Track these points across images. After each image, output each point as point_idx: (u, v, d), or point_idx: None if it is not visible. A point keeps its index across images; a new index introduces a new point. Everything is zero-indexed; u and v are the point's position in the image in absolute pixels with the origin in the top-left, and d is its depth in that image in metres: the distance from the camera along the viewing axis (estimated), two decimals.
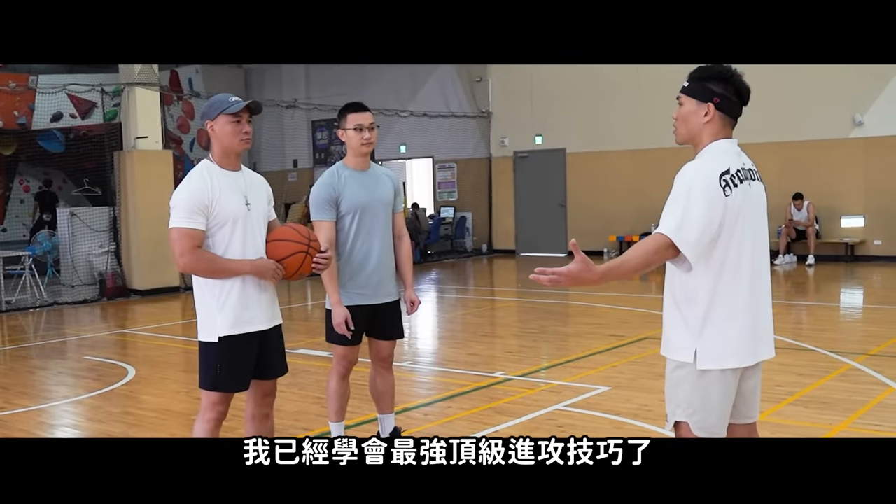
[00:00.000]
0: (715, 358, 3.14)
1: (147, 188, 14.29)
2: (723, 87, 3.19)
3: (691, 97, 3.24)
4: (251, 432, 4.63)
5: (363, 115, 5.07)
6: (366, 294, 5.10)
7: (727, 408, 3.23)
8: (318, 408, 6.65)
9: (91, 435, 6.32)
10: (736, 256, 3.11)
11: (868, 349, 8.17)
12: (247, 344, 4.27)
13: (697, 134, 3.24)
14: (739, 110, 3.25)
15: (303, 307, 12.84)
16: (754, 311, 3.19)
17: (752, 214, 3.17)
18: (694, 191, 3.06)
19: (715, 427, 3.22)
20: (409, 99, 21.58)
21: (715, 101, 3.18)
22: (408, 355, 8.82)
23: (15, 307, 13.21)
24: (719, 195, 3.05)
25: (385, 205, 5.18)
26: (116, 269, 14.62)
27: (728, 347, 3.14)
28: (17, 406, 7.22)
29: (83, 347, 10.09)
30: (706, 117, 3.20)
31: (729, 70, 3.22)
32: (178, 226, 4.10)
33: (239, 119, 4.22)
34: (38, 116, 24.77)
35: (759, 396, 3.38)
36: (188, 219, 4.10)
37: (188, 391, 7.30)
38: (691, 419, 3.24)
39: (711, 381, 3.16)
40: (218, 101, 4.28)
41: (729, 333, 3.14)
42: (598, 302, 12.28)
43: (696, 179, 3.09)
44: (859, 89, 15.64)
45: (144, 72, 14.49)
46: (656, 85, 17.87)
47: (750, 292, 3.16)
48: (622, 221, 18.76)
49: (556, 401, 6.71)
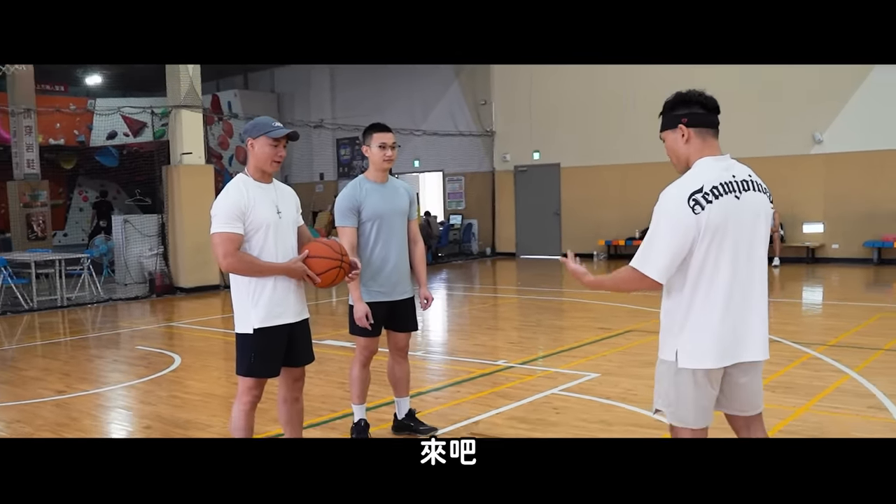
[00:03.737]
0: (691, 358, 3.11)
1: (191, 198, 14.33)
2: (686, 108, 3.16)
3: (667, 129, 3.22)
4: (283, 414, 4.65)
5: (387, 135, 5.09)
6: (384, 292, 5.12)
7: (703, 404, 3.17)
8: (343, 392, 6.66)
9: (142, 416, 6.34)
10: (712, 268, 3.05)
11: (827, 340, 8.14)
12: (278, 335, 4.29)
13: (686, 158, 3.19)
14: (712, 118, 3.17)
15: (328, 303, 12.85)
16: (734, 317, 3.10)
17: (745, 222, 3.08)
18: (662, 220, 3.06)
19: (687, 419, 3.19)
20: (422, 120, 21.63)
21: (683, 121, 3.15)
22: (421, 346, 8.82)
23: (75, 303, 13.26)
24: (688, 216, 2.99)
25: (401, 214, 5.18)
26: (164, 270, 14.67)
27: (702, 350, 3.10)
28: (78, 390, 7.25)
29: (135, 338, 10.13)
30: (683, 138, 3.16)
31: (686, 93, 3.19)
32: (219, 230, 4.12)
33: (277, 144, 4.24)
34: (95, 135, 24.94)
35: (756, 392, 3.28)
36: (228, 224, 4.12)
37: (228, 377, 7.31)
38: (667, 410, 3.24)
39: (686, 378, 3.12)
40: (262, 122, 4.29)
41: (703, 337, 3.09)
42: (589, 298, 12.27)
43: (665, 207, 3.07)
44: (819, 110, 15.60)
45: (189, 95, 14.54)
46: (642, 106, 17.84)
47: (729, 300, 3.08)
48: (610, 228, 18.77)
49: (551, 386, 6.70)
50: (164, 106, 15.05)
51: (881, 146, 15.19)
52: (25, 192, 17.92)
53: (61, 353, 9.23)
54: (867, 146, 15.33)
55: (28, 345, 9.85)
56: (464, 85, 21.36)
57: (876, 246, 15.35)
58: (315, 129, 21.79)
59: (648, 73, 17.37)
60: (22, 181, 17.97)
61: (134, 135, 25.23)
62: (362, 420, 5.26)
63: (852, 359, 7.23)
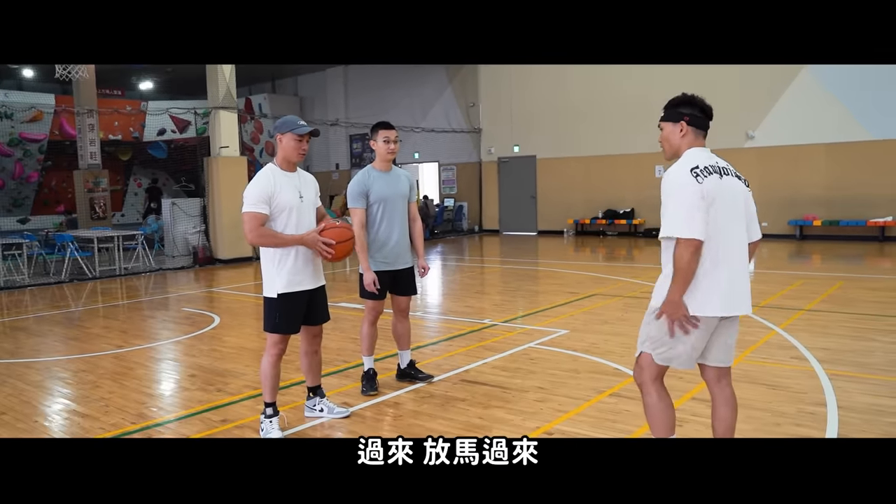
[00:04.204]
0: (701, 307, 3.05)
1: (228, 185, 14.26)
2: (690, 109, 3.19)
3: (668, 121, 3.23)
4: (304, 364, 4.64)
5: (390, 131, 5.08)
6: (388, 262, 5.11)
7: (690, 348, 3.12)
8: (355, 346, 6.64)
9: (187, 366, 6.31)
10: (712, 230, 3.01)
11: (758, 302, 8.13)
12: (298, 299, 4.30)
13: (678, 147, 3.21)
14: (706, 123, 3.22)
15: (342, 272, 12.81)
16: (728, 274, 3.06)
17: (727, 198, 3.06)
18: (678, 191, 3.02)
19: (673, 360, 3.17)
20: (421, 118, 21.53)
21: (685, 119, 3.18)
22: (420, 307, 8.80)
23: (131, 272, 13.19)
24: (695, 184, 3.00)
25: (403, 197, 5.17)
26: (206, 244, 14.59)
27: (710, 299, 3.04)
28: (134, 345, 7.22)
29: (181, 301, 10.08)
30: (681, 133, 3.19)
31: (692, 96, 3.22)
32: (248, 210, 4.13)
33: (301, 139, 4.24)
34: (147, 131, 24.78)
35: (733, 346, 3.25)
36: (255, 206, 4.12)
37: (258, 334, 7.28)
38: (655, 350, 3.19)
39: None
40: (290, 120, 4.29)
41: (711, 289, 3.03)
42: (559, 268, 12.25)
43: (675, 180, 3.04)
44: (751, 108, 15.52)
45: (226, 98, 14.41)
46: (606, 107, 17.80)
47: (724, 259, 3.04)
48: (577, 209, 18.70)
49: (528, 340, 6.69)
50: (205, 107, 14.91)
51: (804, 141, 15.15)
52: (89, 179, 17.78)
53: (119, 314, 9.18)
54: (792, 141, 15.28)
55: (91, 307, 9.80)
56: (456, 89, 21.22)
57: (798, 224, 15.34)
58: (332, 127, 21.69)
59: (607, 79, 17.28)
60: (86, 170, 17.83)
61: (180, 131, 25.03)
62: (371, 369, 5.25)
63: (778, 318, 7.23)
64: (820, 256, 12.81)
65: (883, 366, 5.45)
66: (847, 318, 7.21)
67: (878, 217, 14.50)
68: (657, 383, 3.27)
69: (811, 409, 4.48)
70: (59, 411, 5.11)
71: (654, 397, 3.27)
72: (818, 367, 5.42)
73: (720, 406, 3.30)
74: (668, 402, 3.29)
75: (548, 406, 4.76)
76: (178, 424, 4.71)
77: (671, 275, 3.07)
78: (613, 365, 5.71)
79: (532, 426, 4.38)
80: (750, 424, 4.21)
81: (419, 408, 4.82)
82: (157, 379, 6.04)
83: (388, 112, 21.19)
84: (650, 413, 3.28)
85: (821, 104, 14.82)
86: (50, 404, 5.29)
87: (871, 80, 14.19)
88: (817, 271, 10.98)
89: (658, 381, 3.27)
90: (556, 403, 4.81)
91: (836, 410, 4.45)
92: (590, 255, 14.74)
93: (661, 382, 3.29)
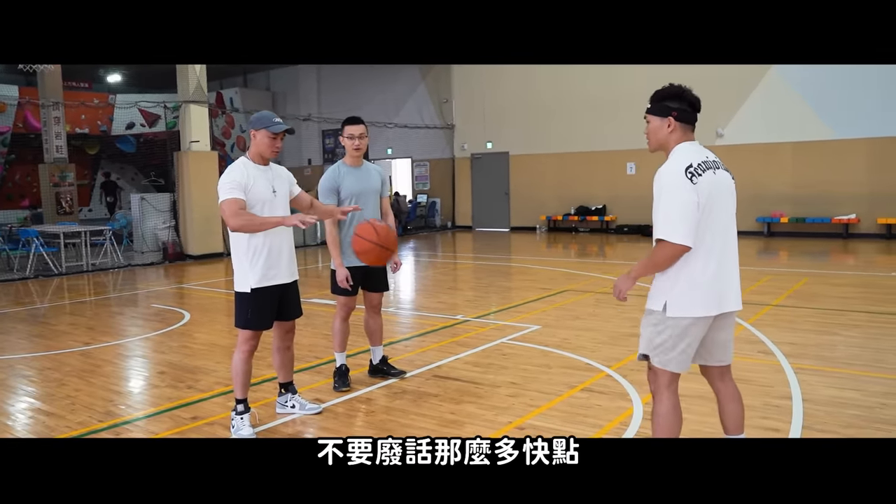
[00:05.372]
0: (680, 308, 3.01)
1: (199, 179, 14.11)
2: (678, 103, 3.09)
3: (655, 115, 3.12)
4: (277, 360, 4.61)
5: (356, 127, 5.07)
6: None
7: (686, 349, 3.07)
8: (327, 342, 6.61)
9: (157, 363, 6.24)
10: (707, 227, 2.97)
11: None
12: (271, 294, 4.26)
13: (665, 142, 3.12)
14: (695, 117, 3.13)
15: (314, 268, 12.74)
16: (722, 271, 3.03)
17: (720, 194, 3.03)
18: (671, 193, 2.95)
19: (670, 363, 3.08)
20: (394, 114, 21.46)
21: (673, 114, 3.08)
22: (392, 303, 8.79)
23: (99, 268, 12.99)
24: (689, 185, 2.93)
25: (374, 192, 5.15)
26: (176, 240, 14.42)
27: (690, 300, 3.00)
28: (102, 341, 7.11)
29: (150, 298, 9.95)
30: (669, 128, 3.09)
31: (681, 88, 3.11)
32: (226, 198, 4.08)
33: (276, 137, 4.20)
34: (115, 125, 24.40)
35: (731, 342, 3.23)
36: (232, 192, 4.08)
37: (230, 330, 7.22)
38: (652, 353, 3.12)
39: (675, 325, 3.03)
40: (265, 117, 4.24)
41: (695, 290, 3.00)
42: (532, 264, 12.31)
43: (669, 181, 2.97)
44: (721, 107, 15.72)
45: (196, 92, 14.24)
46: (576, 104, 17.90)
47: (717, 255, 3.01)
48: (549, 206, 18.81)
49: (501, 336, 6.71)
50: (175, 101, 14.74)
51: (772, 139, 15.39)
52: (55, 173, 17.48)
53: (87, 310, 9.04)
54: (760, 139, 15.51)
55: (57, 304, 9.63)
56: (429, 86, 21.18)
57: (766, 221, 15.59)
58: (304, 122, 21.55)
59: (579, 77, 17.39)
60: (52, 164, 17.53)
61: (149, 125, 24.69)
62: (343, 365, 5.23)
63: (745, 313, 7.33)
64: (787, 253, 13.02)
65: (845, 359, 5.57)
66: (812, 313, 7.35)
67: (842, 214, 14.79)
68: (671, 390, 3.15)
69: (777, 402, 4.56)
70: (24, 410, 5.01)
71: (666, 406, 3.14)
72: (784, 361, 5.51)
73: (728, 402, 3.28)
74: (679, 413, 3.17)
75: (520, 401, 4.79)
76: (146, 422, 4.65)
77: (661, 275, 3.06)
78: (585, 360, 5.76)
79: (504, 421, 4.40)
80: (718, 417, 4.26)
81: (392, 403, 4.82)
82: (125, 376, 5.96)
83: (362, 108, 21.11)
84: (659, 422, 3.16)
85: (788, 103, 15.07)
86: (14, 403, 5.19)
87: (836, 80, 14.46)
88: (784, 267, 11.17)
89: (672, 388, 3.15)
90: (528, 398, 4.84)
91: (801, 403, 4.54)
92: (562, 251, 14.83)
93: (675, 390, 3.17)
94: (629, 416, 4.41)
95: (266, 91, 25.42)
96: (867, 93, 14.24)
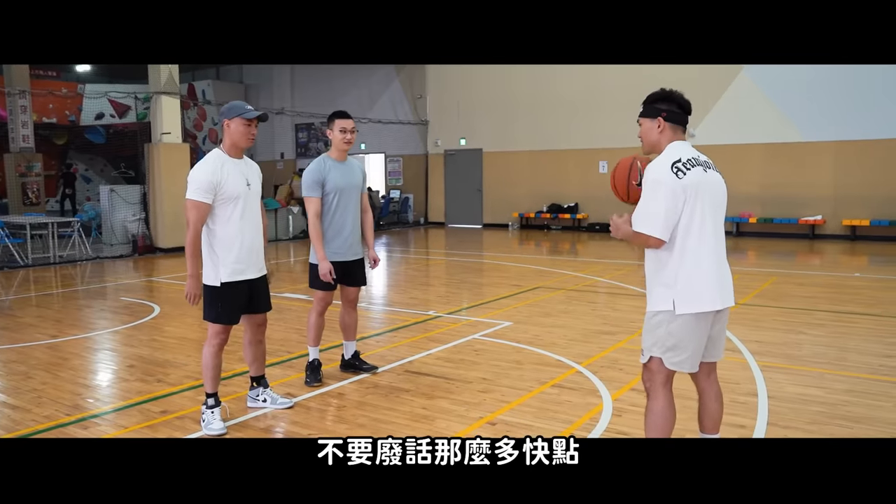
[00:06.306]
0: (689, 304, 3.04)
1: (170, 172, 13.93)
2: (667, 105, 3.16)
3: (646, 117, 3.20)
4: (248, 354, 4.59)
5: (348, 121, 5.06)
6: (341, 253, 5.09)
7: (697, 348, 3.10)
8: (299, 336, 6.58)
9: (126, 356, 6.16)
10: (699, 222, 3.02)
11: None
12: (240, 289, 4.25)
13: (657, 143, 3.18)
14: (685, 118, 3.19)
15: (285, 262, 12.66)
16: (717, 266, 3.09)
17: (709, 191, 3.07)
18: (655, 187, 3.01)
19: (684, 363, 3.10)
20: (368, 109, 21.36)
21: (663, 115, 3.15)
22: (365, 298, 8.77)
23: (66, 260, 12.78)
24: (675, 181, 2.99)
25: (357, 188, 5.16)
26: (146, 232, 14.23)
27: (699, 295, 3.04)
28: (69, 334, 7.00)
29: (119, 291, 9.82)
30: (659, 129, 3.16)
31: (670, 91, 3.19)
32: (192, 198, 4.07)
33: (250, 124, 4.17)
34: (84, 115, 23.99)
35: (724, 339, 3.27)
36: (200, 194, 4.06)
37: (200, 324, 7.15)
38: (664, 355, 3.12)
39: (685, 323, 3.05)
40: (237, 106, 4.22)
41: (699, 285, 3.04)
42: (504, 261, 12.36)
43: (655, 176, 3.03)
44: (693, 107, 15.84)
45: (168, 83, 14.05)
46: (550, 102, 17.99)
47: (712, 251, 3.07)
48: (522, 203, 18.89)
49: (473, 332, 6.74)
50: (146, 92, 14.53)
51: (741, 140, 15.60)
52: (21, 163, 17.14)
53: (54, 303, 8.89)
54: (731, 140, 15.70)
55: (24, 296, 9.46)
56: (403, 82, 21.13)
57: (735, 221, 15.82)
58: (277, 115, 21.36)
59: (552, 75, 17.49)
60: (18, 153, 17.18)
61: (119, 116, 24.30)
62: (316, 360, 5.21)
63: None
64: (755, 253, 13.23)
65: (810, 358, 5.68)
66: (778, 312, 7.48)
67: (809, 216, 15.07)
68: (666, 388, 3.17)
69: (743, 399, 4.64)
70: None
71: (661, 403, 3.16)
72: (751, 359, 5.61)
73: (711, 401, 3.30)
74: (673, 410, 3.19)
75: (491, 397, 4.82)
76: (115, 416, 4.60)
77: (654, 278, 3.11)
78: (556, 356, 5.81)
79: (475, 416, 4.42)
80: (685, 414, 4.33)
81: (363, 398, 4.82)
82: (93, 369, 5.88)
83: (336, 102, 20.99)
84: (653, 419, 3.16)
85: (757, 106, 15.30)
86: None
87: (803, 83, 14.71)
88: (752, 267, 11.34)
89: (667, 386, 3.18)
90: (500, 394, 4.87)
91: (766, 400, 4.63)
92: (534, 248, 14.91)
93: (670, 388, 3.19)
94: (599, 412, 4.46)
95: (239, 84, 25.18)
96: (834, 97, 14.51)
